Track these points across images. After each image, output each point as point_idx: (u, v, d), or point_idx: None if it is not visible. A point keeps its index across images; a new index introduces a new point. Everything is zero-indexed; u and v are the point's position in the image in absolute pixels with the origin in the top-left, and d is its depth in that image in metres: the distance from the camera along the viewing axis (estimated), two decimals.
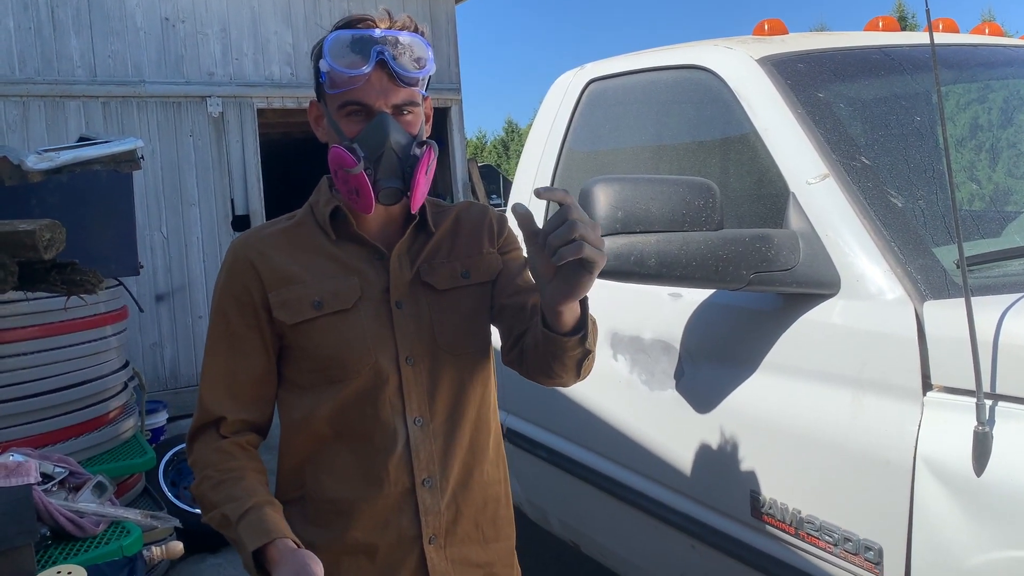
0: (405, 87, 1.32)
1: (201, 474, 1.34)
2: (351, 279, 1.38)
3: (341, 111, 1.33)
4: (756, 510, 1.81)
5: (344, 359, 1.35)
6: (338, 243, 1.40)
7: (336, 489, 1.37)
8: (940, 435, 1.47)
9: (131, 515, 2.54)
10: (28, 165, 3.14)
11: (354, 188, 1.31)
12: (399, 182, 1.32)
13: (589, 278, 1.16)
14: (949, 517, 1.42)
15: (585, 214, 1.14)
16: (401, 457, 1.36)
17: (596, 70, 2.72)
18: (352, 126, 1.33)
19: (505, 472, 1.53)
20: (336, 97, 1.33)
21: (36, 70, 6.03)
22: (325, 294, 1.36)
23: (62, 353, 3.17)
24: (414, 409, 1.38)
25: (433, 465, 1.38)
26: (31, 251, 2.42)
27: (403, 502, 1.37)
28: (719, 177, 2.12)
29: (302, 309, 1.36)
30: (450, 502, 1.40)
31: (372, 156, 1.30)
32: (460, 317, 1.43)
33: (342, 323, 1.36)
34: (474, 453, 1.44)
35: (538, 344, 1.33)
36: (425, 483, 1.37)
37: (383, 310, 1.38)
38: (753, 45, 2.19)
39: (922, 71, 2.16)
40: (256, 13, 6.82)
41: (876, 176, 1.82)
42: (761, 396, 1.82)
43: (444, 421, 1.40)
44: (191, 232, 6.57)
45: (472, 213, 1.52)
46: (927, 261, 1.67)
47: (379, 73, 1.30)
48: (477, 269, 1.45)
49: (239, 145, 6.75)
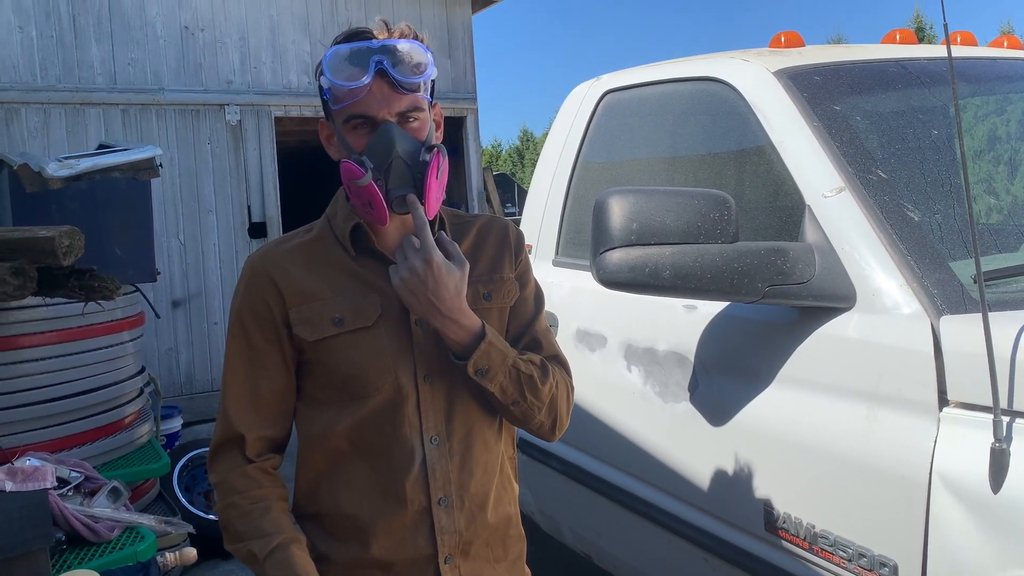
0: (407, 94, 1.32)
1: (226, 500, 1.35)
2: (371, 296, 1.37)
3: (347, 125, 1.33)
4: (770, 524, 1.80)
5: (364, 376, 1.35)
6: (357, 259, 1.40)
7: (353, 505, 1.37)
8: (956, 451, 1.46)
9: (145, 520, 2.55)
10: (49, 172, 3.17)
11: (367, 200, 1.30)
12: (411, 189, 1.31)
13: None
14: (965, 534, 1.40)
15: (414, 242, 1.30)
16: (418, 476, 1.36)
17: (612, 81, 2.72)
18: (359, 139, 1.32)
19: (516, 492, 1.53)
20: (341, 112, 1.33)
21: (57, 77, 6.09)
22: (346, 311, 1.36)
23: (79, 359, 3.19)
24: (430, 428, 1.37)
25: (449, 485, 1.38)
26: (50, 257, 2.44)
27: (419, 521, 1.37)
28: (735, 189, 2.12)
29: (323, 326, 1.35)
30: (467, 522, 1.39)
31: (381, 166, 1.29)
32: None
33: (362, 340, 1.35)
34: (488, 473, 1.43)
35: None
36: (441, 502, 1.37)
37: (403, 327, 1.37)
38: (770, 57, 2.19)
39: (939, 84, 2.15)
40: (274, 22, 6.87)
41: (892, 189, 1.82)
42: (775, 409, 1.81)
43: (460, 440, 1.39)
44: (208, 239, 6.61)
45: (494, 229, 1.50)
46: (944, 275, 1.66)
47: (380, 83, 1.30)
48: (498, 293, 1.45)
49: (256, 153, 6.79)
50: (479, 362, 1.33)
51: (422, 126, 1.35)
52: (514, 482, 1.53)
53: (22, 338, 3.05)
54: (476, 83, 7.85)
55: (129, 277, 3.50)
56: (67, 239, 2.45)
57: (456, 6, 7.69)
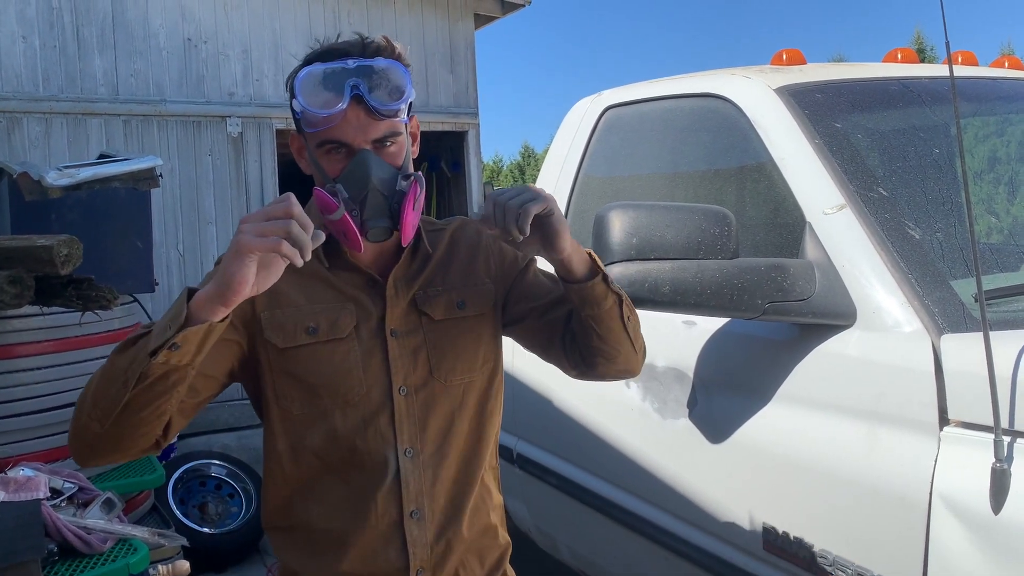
0: (384, 119, 1.26)
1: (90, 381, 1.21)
2: (347, 306, 1.34)
3: (320, 149, 1.27)
4: (769, 543, 1.79)
5: (335, 388, 1.31)
6: (332, 270, 1.36)
7: (325, 519, 1.34)
8: (957, 471, 1.45)
9: (139, 532, 2.53)
10: (48, 181, 3.17)
11: (341, 231, 1.25)
12: (386, 220, 1.26)
13: (549, 223, 1.22)
14: (965, 555, 1.39)
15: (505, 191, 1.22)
16: (390, 488, 1.33)
17: (613, 97, 2.72)
18: (333, 164, 1.27)
19: (497, 502, 1.49)
20: (314, 136, 1.27)
21: (60, 88, 6.11)
22: (321, 321, 1.32)
23: (75, 368, 3.17)
24: (405, 440, 1.34)
25: (422, 497, 1.34)
26: (48, 266, 2.43)
27: (391, 534, 1.34)
28: (735, 206, 2.12)
29: (296, 334, 1.31)
30: (438, 535, 1.36)
31: (356, 196, 1.24)
32: (456, 348, 1.39)
33: (335, 351, 1.32)
34: (465, 486, 1.40)
35: (578, 321, 1.33)
36: (413, 515, 1.34)
37: (378, 339, 1.34)
38: (771, 75, 2.19)
39: (940, 103, 2.15)
40: (277, 35, 6.90)
41: (894, 207, 1.81)
42: (775, 427, 1.80)
43: (434, 453, 1.36)
44: (207, 250, 6.61)
45: (466, 234, 1.48)
46: (945, 294, 1.65)
47: (355, 109, 1.24)
48: (473, 300, 1.41)
49: (257, 164, 6.80)
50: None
51: (399, 151, 1.30)
52: (495, 492, 1.49)
53: (18, 347, 3.03)
54: (478, 98, 7.88)
55: (127, 287, 3.49)
56: (65, 248, 2.45)
57: (459, 21, 7.72)
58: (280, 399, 1.33)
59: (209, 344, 1.11)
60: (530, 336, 1.47)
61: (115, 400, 1.11)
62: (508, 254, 1.48)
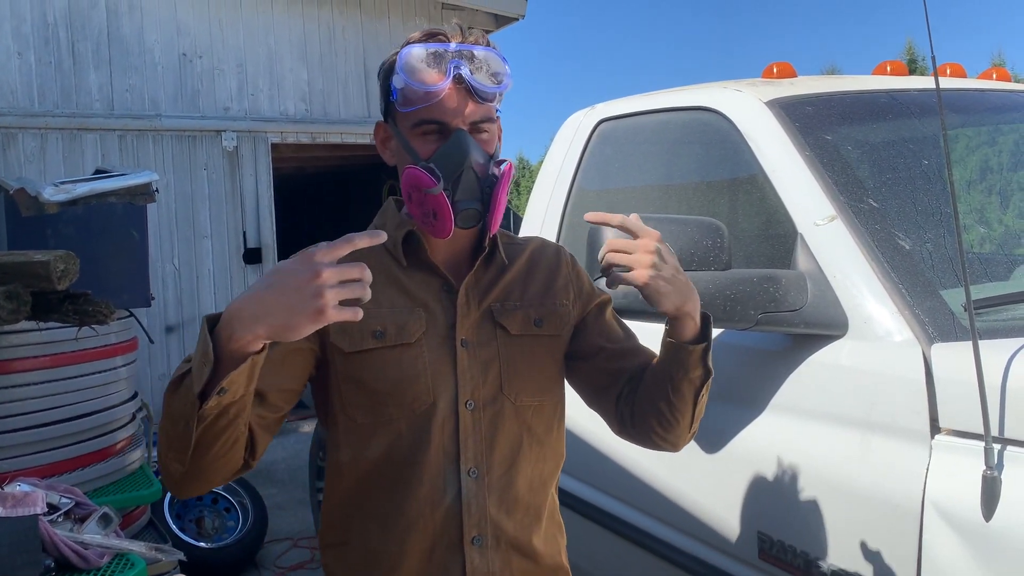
0: (482, 103, 1.25)
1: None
2: (417, 312, 1.28)
3: (415, 130, 1.25)
4: (764, 552, 1.80)
5: (401, 395, 1.25)
6: (407, 270, 1.31)
7: (381, 539, 1.27)
8: (948, 479, 1.46)
9: (136, 547, 2.53)
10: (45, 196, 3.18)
11: (431, 211, 1.22)
12: (478, 204, 1.24)
13: (655, 296, 1.19)
14: (958, 562, 1.40)
15: (655, 245, 1.19)
16: (450, 510, 1.25)
17: (607, 110, 2.74)
18: (427, 145, 1.24)
19: (563, 543, 1.42)
20: (409, 116, 1.25)
21: (55, 103, 6.13)
22: (388, 325, 1.26)
23: (71, 383, 3.17)
24: (469, 459, 1.26)
25: (485, 523, 1.26)
26: (45, 281, 2.44)
27: (449, 560, 1.26)
28: (727, 217, 2.14)
29: (363, 338, 1.25)
30: (503, 566, 1.28)
31: (450, 176, 1.22)
32: (530, 366, 1.32)
33: (402, 357, 1.26)
34: (531, 516, 1.32)
35: (655, 378, 1.28)
36: (475, 541, 1.26)
37: (446, 348, 1.28)
38: (762, 88, 2.21)
39: (929, 115, 2.18)
40: (272, 50, 6.93)
41: (884, 218, 1.83)
42: (768, 437, 1.81)
43: (501, 476, 1.28)
44: (203, 264, 6.61)
45: (547, 254, 1.43)
46: (935, 304, 1.67)
47: (456, 88, 1.23)
48: (550, 320, 1.35)
49: (252, 179, 6.82)
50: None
51: (491, 139, 1.29)
52: (561, 529, 1.42)
53: (15, 362, 3.03)
54: None
55: (123, 302, 3.49)
56: (62, 263, 2.46)
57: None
58: (346, 407, 1.28)
59: (257, 372, 1.06)
60: (588, 376, 1.40)
61: (184, 441, 1.07)
62: (586, 284, 1.44)
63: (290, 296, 0.97)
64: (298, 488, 5.23)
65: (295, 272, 0.98)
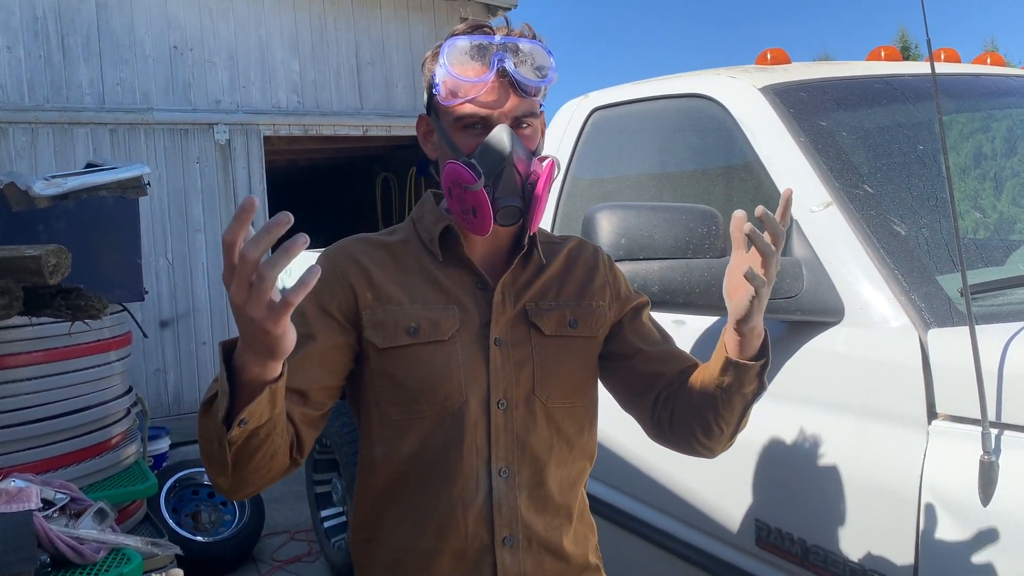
0: (526, 97, 1.23)
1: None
2: (451, 308, 1.27)
3: (457, 124, 1.24)
4: (762, 539, 1.80)
5: (434, 393, 1.24)
6: (443, 266, 1.29)
7: (409, 537, 1.27)
8: (946, 464, 1.46)
9: (132, 542, 2.53)
10: (36, 191, 3.16)
11: (471, 207, 1.20)
12: (519, 200, 1.22)
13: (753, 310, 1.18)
14: (955, 547, 1.40)
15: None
16: (482, 510, 1.25)
17: (600, 99, 2.73)
18: (469, 139, 1.23)
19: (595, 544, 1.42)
20: (451, 109, 1.23)
21: (45, 97, 6.09)
22: (423, 321, 1.25)
23: (65, 379, 3.16)
24: (500, 458, 1.25)
25: (516, 523, 1.25)
26: (36, 276, 2.42)
27: (480, 560, 1.25)
28: (722, 205, 2.13)
29: (396, 334, 1.24)
30: (534, 567, 1.27)
31: (492, 172, 1.20)
32: (564, 368, 1.31)
33: (435, 354, 1.24)
34: (560, 516, 1.31)
35: (707, 389, 1.25)
36: (505, 542, 1.25)
37: (480, 346, 1.26)
38: (756, 74, 2.20)
39: (924, 100, 2.17)
40: (264, 42, 6.90)
41: (879, 204, 1.83)
42: (765, 424, 1.81)
43: (531, 476, 1.27)
44: (196, 258, 6.59)
45: (584, 254, 1.41)
46: (931, 289, 1.67)
47: (499, 82, 1.21)
48: (586, 321, 1.34)
49: (245, 172, 6.79)
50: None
51: (534, 134, 1.27)
52: (593, 531, 1.41)
53: (7, 358, 3.02)
54: None
55: (116, 296, 3.48)
56: (54, 258, 2.44)
57: (445, 26, 7.73)
58: (380, 403, 1.27)
59: (280, 395, 1.04)
60: (624, 379, 1.39)
61: (222, 459, 1.07)
62: (623, 286, 1.42)
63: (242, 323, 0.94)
64: (295, 481, 5.23)
65: (231, 301, 0.94)
